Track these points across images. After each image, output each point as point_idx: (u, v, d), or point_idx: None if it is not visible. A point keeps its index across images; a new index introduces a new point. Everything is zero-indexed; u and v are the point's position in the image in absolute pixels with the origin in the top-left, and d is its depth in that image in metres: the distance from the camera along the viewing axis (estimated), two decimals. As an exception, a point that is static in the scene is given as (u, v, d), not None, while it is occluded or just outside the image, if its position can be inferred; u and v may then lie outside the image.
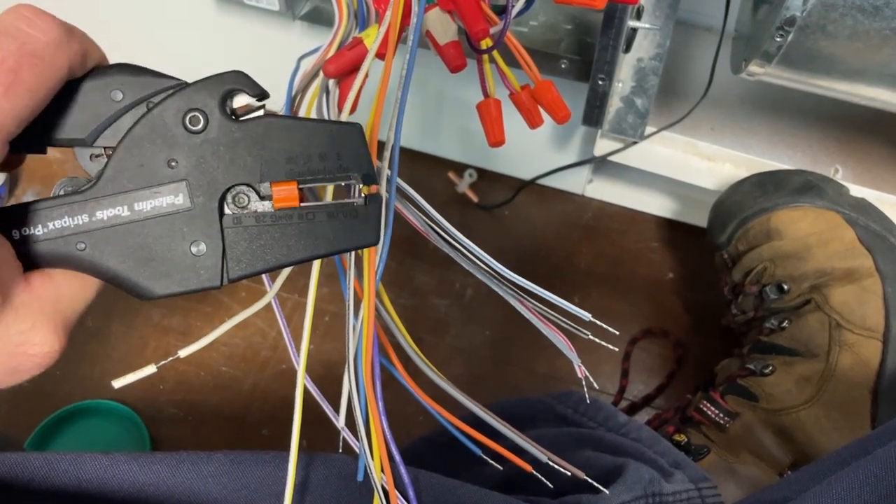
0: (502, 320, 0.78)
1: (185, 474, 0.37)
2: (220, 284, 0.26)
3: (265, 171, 0.27)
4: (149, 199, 0.26)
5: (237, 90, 0.27)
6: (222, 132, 0.26)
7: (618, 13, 0.58)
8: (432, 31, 0.36)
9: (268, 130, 0.27)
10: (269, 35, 0.79)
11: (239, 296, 0.80)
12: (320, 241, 0.27)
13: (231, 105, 0.27)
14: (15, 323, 0.25)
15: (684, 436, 0.61)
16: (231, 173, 0.26)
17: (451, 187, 0.87)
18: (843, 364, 0.58)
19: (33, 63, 0.24)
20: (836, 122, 0.75)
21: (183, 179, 0.26)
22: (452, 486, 0.42)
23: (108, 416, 0.73)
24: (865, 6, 0.48)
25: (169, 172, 0.26)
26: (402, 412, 0.57)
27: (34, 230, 0.26)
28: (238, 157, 0.26)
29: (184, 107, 0.26)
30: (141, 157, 0.26)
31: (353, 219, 0.27)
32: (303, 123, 0.27)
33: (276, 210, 0.27)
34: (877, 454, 0.36)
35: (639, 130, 0.69)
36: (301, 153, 0.27)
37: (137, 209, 0.26)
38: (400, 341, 0.36)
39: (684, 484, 0.49)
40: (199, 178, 0.26)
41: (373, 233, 0.28)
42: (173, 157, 0.26)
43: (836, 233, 0.62)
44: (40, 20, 0.24)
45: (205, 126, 0.26)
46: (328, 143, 0.27)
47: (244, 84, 0.27)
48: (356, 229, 0.27)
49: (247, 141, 0.26)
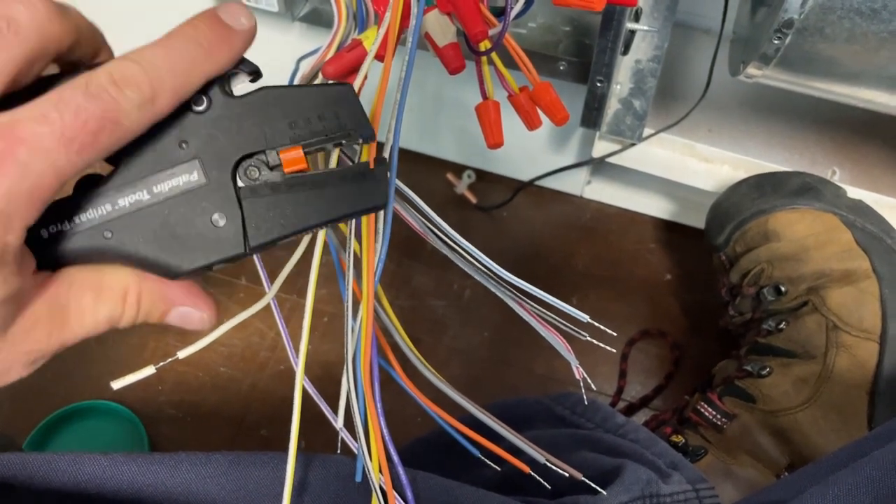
0: (500, 321, 0.78)
1: (183, 475, 0.37)
2: (244, 251, 0.27)
3: (270, 138, 0.28)
4: (166, 181, 0.27)
5: (234, 70, 0.28)
6: (225, 109, 0.28)
7: (616, 15, 0.58)
8: (431, 33, 0.36)
9: (266, 100, 0.28)
10: (267, 36, 0.79)
11: (237, 296, 0.80)
12: (333, 204, 0.28)
13: (229, 84, 0.28)
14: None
15: (682, 437, 0.61)
16: (239, 144, 0.28)
17: (449, 188, 0.87)
18: (840, 365, 0.59)
19: (113, 129, 0.24)
20: (834, 124, 0.75)
21: (195, 157, 0.27)
22: (450, 486, 0.42)
23: (106, 416, 0.73)
24: (863, 9, 0.48)
25: (181, 153, 0.27)
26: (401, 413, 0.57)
27: (63, 227, 0.27)
28: (243, 128, 0.28)
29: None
30: (153, 142, 0.27)
31: (363, 182, 0.29)
32: (298, 89, 0.29)
33: (287, 176, 0.28)
34: (874, 456, 0.36)
35: (637, 132, 0.70)
36: (301, 116, 0.28)
37: (157, 191, 0.27)
38: (398, 343, 0.36)
39: (682, 485, 0.49)
40: (209, 154, 0.27)
41: (382, 194, 0.29)
42: (183, 139, 0.27)
43: (834, 235, 0.62)
44: (129, 87, 0.25)
45: (208, 106, 0.27)
46: (324, 103, 0.28)
47: (240, 64, 0.28)
48: (367, 191, 0.29)
49: (249, 113, 0.28)
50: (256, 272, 0.35)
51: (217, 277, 0.81)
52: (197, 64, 0.27)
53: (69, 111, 0.23)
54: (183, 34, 0.27)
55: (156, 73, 0.25)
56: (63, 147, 0.23)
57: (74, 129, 0.23)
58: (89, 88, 0.24)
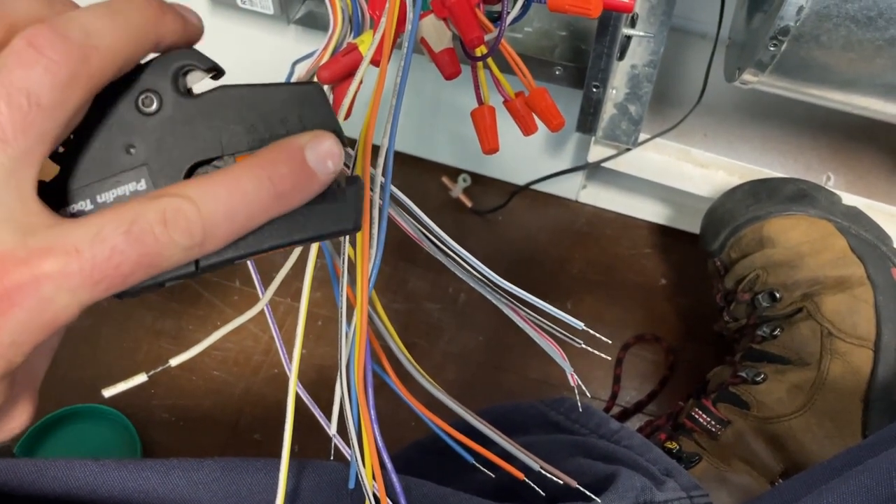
0: (495, 325, 0.78)
1: (175, 481, 0.37)
2: (194, 270, 0.24)
3: (227, 144, 0.25)
4: (111, 190, 0.25)
5: (188, 66, 0.25)
6: (177, 110, 0.25)
7: (612, 21, 0.58)
8: (427, 39, 0.36)
9: (223, 101, 0.25)
10: (263, 39, 0.79)
11: (231, 299, 0.80)
12: (294, 225, 0.25)
13: (184, 83, 0.26)
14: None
15: (676, 443, 0.61)
16: (191, 151, 0.25)
17: (444, 192, 0.87)
18: (835, 372, 0.59)
19: (147, 271, 0.23)
20: (828, 130, 0.75)
21: (143, 164, 0.25)
22: (444, 494, 0.42)
23: (98, 420, 0.72)
24: (859, 17, 0.48)
25: (128, 159, 0.25)
26: (394, 418, 0.57)
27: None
28: (197, 133, 0.25)
29: (135, 89, 0.25)
30: (97, 147, 0.25)
31: (332, 202, 0.26)
32: (259, 89, 0.26)
33: None
34: (868, 464, 0.36)
35: (632, 137, 0.70)
36: (260, 120, 0.25)
37: (100, 201, 0.25)
38: (392, 348, 0.36)
39: (676, 492, 0.49)
40: (159, 160, 0.25)
41: (351, 218, 0.26)
42: (131, 143, 0.25)
43: (829, 241, 0.62)
44: (178, 232, 0.22)
45: (159, 106, 0.25)
46: (288, 105, 0.26)
47: (195, 59, 0.26)
48: (334, 214, 0.26)
49: (203, 115, 0.25)
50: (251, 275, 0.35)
51: (211, 280, 0.80)
52: (264, 212, 0.24)
53: (104, 252, 0.21)
54: (259, 172, 0.24)
55: (212, 218, 0.23)
56: (89, 287, 0.22)
57: (105, 271, 0.22)
58: (133, 229, 0.22)
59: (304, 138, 0.25)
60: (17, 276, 0.21)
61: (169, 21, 0.25)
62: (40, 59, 0.21)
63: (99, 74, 0.23)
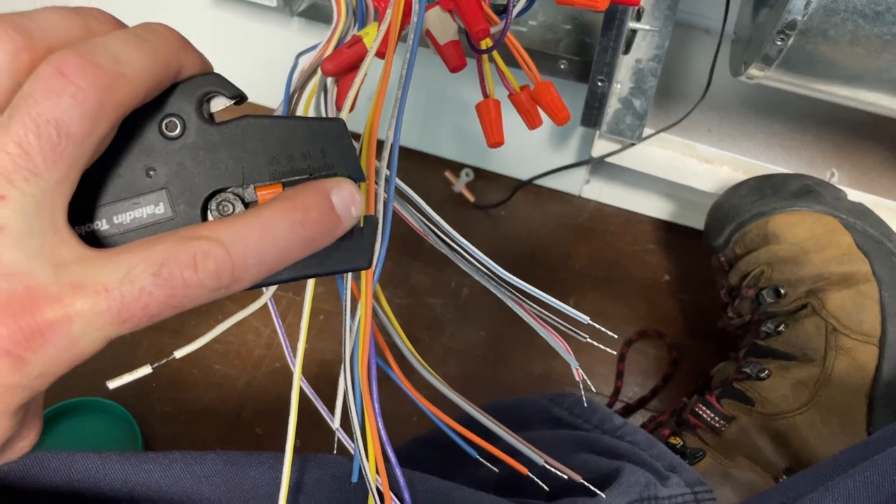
0: (498, 320, 0.78)
1: (177, 475, 0.37)
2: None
3: (248, 174, 0.25)
4: (128, 211, 0.25)
5: (214, 93, 0.26)
6: (200, 136, 0.25)
7: (618, 14, 0.57)
8: (432, 31, 0.36)
9: (247, 132, 0.25)
10: (266, 31, 0.79)
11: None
12: (312, 261, 0.25)
13: (208, 109, 0.26)
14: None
15: (680, 439, 0.60)
16: (212, 178, 0.25)
17: (447, 186, 0.87)
18: (840, 369, 0.58)
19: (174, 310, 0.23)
20: (833, 126, 0.75)
21: (163, 188, 0.25)
22: (448, 488, 0.42)
23: (100, 413, 0.72)
24: (866, 11, 0.47)
25: (148, 182, 0.25)
26: (397, 412, 0.56)
27: None
28: (218, 161, 0.25)
29: (159, 113, 0.25)
30: (117, 167, 0.25)
31: (349, 241, 0.26)
32: (283, 122, 0.26)
33: None
34: (874, 460, 0.36)
35: (637, 132, 0.69)
36: (283, 153, 0.26)
37: (117, 222, 0.25)
38: (397, 342, 0.36)
39: (680, 488, 0.48)
40: (179, 185, 0.25)
41: (366, 256, 0.27)
42: (151, 166, 0.25)
43: (834, 237, 0.62)
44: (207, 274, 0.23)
45: (182, 131, 0.25)
46: (310, 140, 0.26)
47: (220, 86, 0.26)
48: (350, 252, 0.26)
49: (226, 144, 0.25)
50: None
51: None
52: (292, 256, 0.24)
53: (132, 292, 0.22)
54: (291, 217, 0.24)
55: (242, 263, 0.23)
56: (117, 325, 0.22)
57: (132, 311, 0.22)
58: (162, 271, 0.22)
59: (330, 183, 0.25)
60: (49, 313, 0.21)
61: (191, 51, 0.25)
62: (68, 86, 0.21)
63: (126, 101, 0.23)
